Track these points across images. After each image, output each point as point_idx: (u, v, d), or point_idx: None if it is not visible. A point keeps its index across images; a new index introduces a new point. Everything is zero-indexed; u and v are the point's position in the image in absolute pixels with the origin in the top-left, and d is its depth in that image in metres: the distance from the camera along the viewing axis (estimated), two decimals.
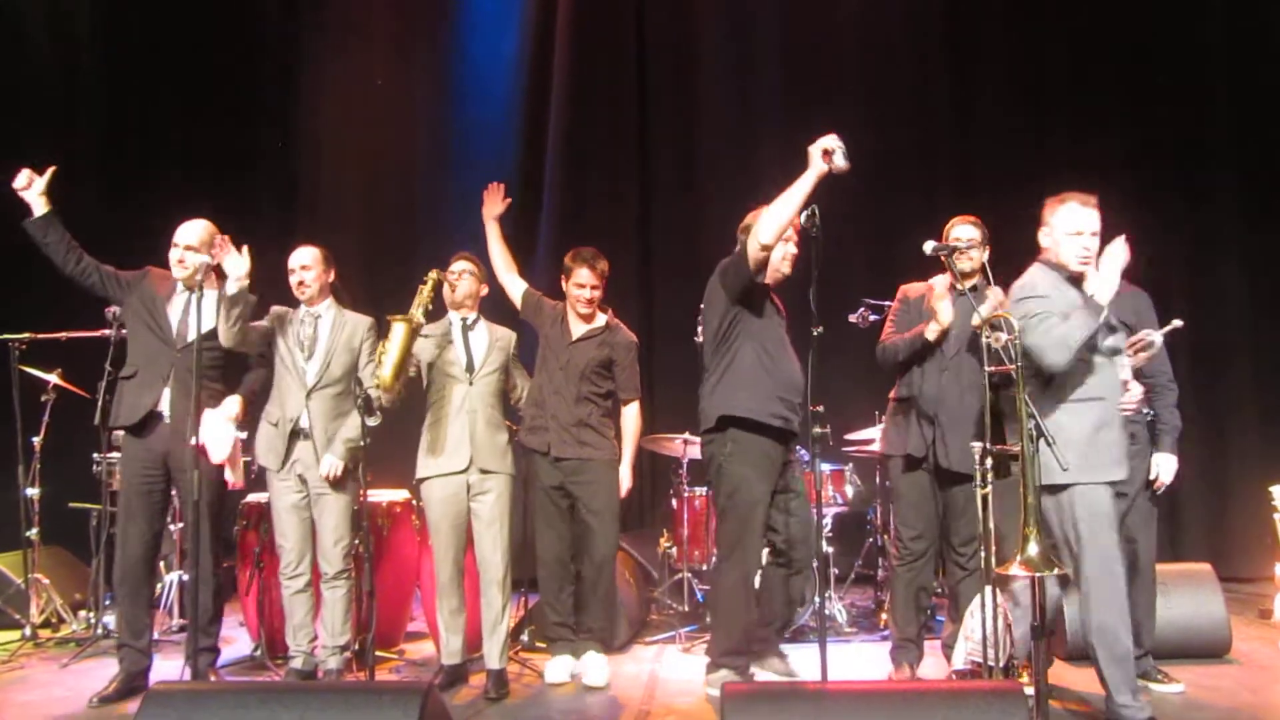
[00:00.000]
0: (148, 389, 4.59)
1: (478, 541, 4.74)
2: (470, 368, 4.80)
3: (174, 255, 4.70)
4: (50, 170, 4.57)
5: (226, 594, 6.61)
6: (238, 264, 4.41)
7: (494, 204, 5.31)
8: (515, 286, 5.29)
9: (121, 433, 4.74)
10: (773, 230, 4.22)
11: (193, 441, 4.25)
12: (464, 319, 4.89)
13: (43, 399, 5.91)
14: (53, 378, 5.89)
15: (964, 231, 4.65)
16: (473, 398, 4.76)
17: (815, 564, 4.72)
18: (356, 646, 4.89)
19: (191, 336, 4.51)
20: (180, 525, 5.75)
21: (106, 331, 5.59)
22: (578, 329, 5.09)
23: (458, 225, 7.96)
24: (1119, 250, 3.89)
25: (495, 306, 5.28)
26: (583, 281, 5.03)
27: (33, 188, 4.52)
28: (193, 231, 4.71)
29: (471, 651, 5.27)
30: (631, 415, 5.18)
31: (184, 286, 4.71)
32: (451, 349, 4.81)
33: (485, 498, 4.70)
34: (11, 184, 4.54)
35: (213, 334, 4.50)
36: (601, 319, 5.15)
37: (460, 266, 4.89)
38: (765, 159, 7.88)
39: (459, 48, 8.18)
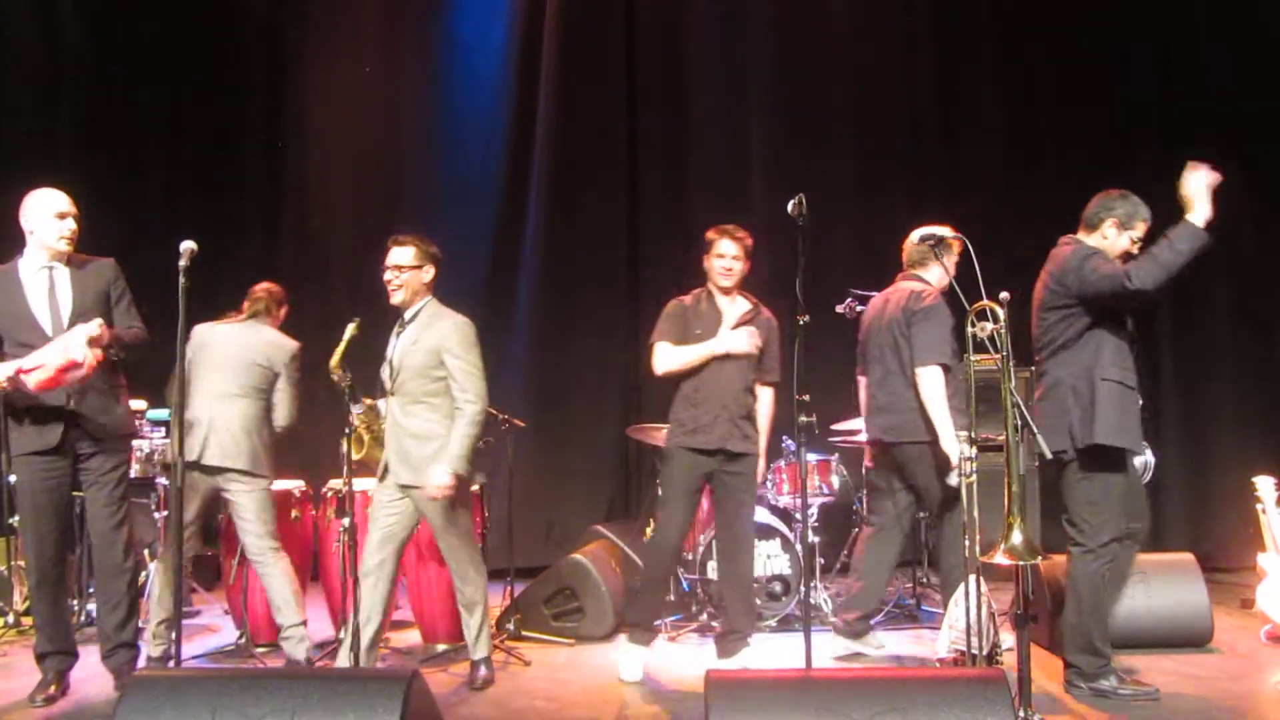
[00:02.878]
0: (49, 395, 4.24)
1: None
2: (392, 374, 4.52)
3: (58, 228, 4.38)
4: None
5: (209, 582, 6.64)
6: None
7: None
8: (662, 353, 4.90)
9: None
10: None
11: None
12: (402, 317, 4.57)
13: None
14: None
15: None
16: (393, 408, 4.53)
17: (801, 553, 4.74)
18: (342, 635, 4.88)
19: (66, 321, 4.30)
20: (165, 514, 5.71)
21: None
22: (730, 314, 4.84)
23: (445, 211, 7.95)
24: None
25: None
26: (723, 252, 4.78)
27: None
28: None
29: (453, 640, 5.30)
30: (769, 398, 4.97)
31: (47, 261, 4.39)
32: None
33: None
34: None
35: (84, 312, 4.31)
36: (744, 302, 4.93)
37: (387, 276, 4.52)
38: (755, 144, 7.90)
39: (448, 35, 8.13)
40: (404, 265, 4.47)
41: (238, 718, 2.83)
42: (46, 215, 4.35)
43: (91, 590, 5.69)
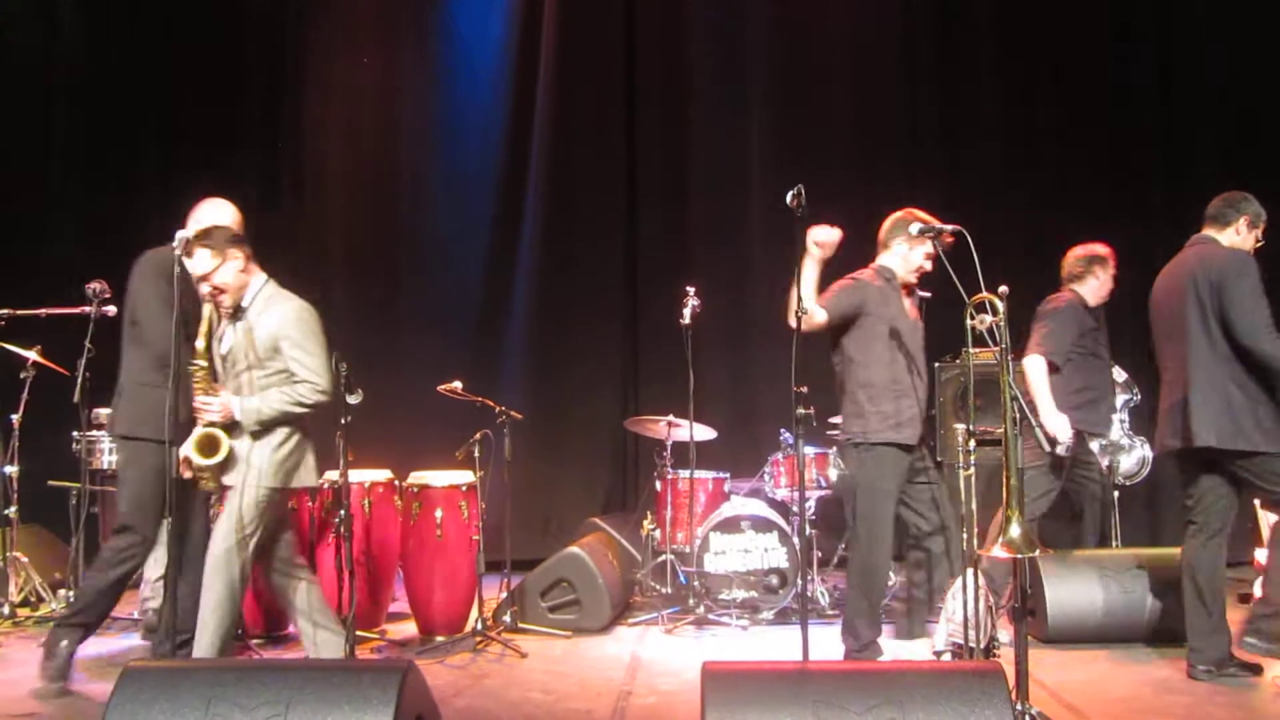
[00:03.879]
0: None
1: None
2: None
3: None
4: None
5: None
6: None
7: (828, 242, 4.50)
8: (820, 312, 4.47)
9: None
10: None
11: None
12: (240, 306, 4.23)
13: (22, 376, 5.84)
14: (32, 354, 5.83)
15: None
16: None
17: (798, 546, 4.71)
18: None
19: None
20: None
21: (86, 309, 5.53)
22: (907, 305, 4.66)
23: (442, 205, 7.94)
24: None
25: None
26: (932, 252, 4.53)
27: None
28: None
29: (450, 632, 5.29)
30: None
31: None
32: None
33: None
34: None
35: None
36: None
37: (203, 291, 4.18)
38: (754, 138, 7.87)
39: (446, 29, 8.11)
40: (207, 273, 4.11)
41: (232, 709, 2.82)
42: None
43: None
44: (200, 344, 4.11)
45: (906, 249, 4.60)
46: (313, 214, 7.96)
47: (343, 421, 4.28)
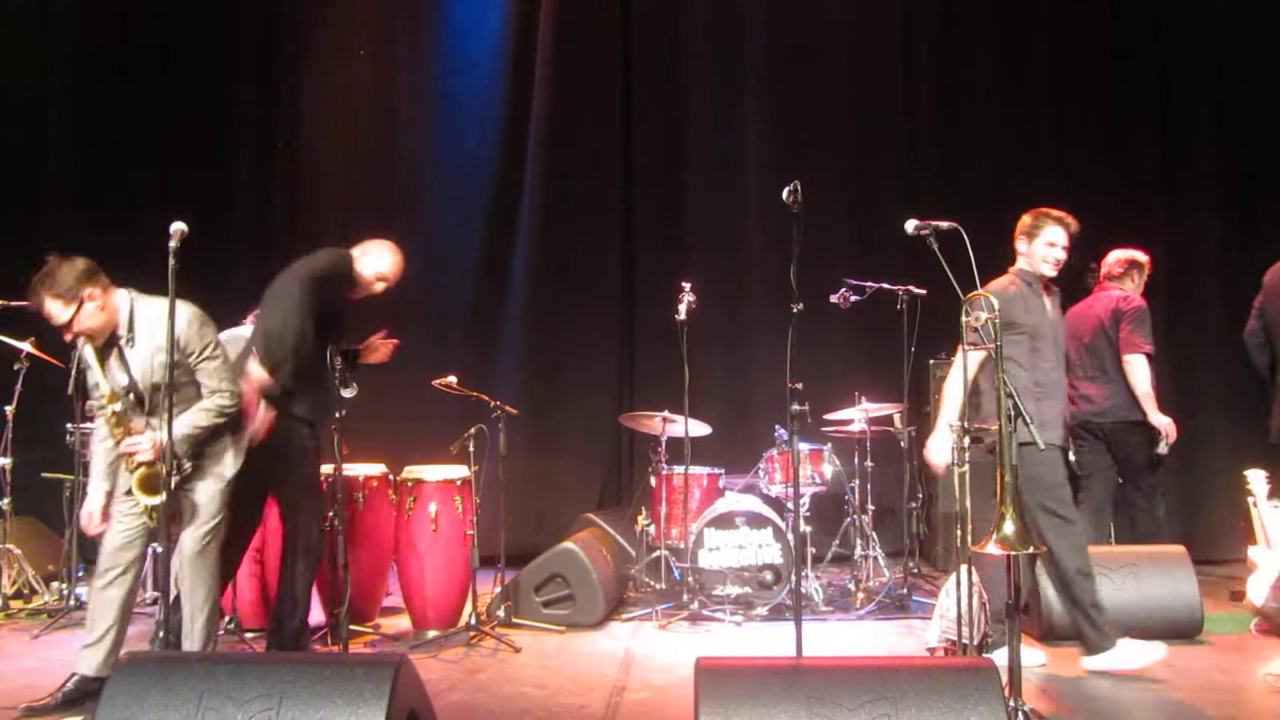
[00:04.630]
0: None
1: None
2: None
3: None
4: None
5: None
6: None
7: None
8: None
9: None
10: None
11: None
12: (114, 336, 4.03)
13: (15, 367, 5.83)
14: (26, 346, 5.81)
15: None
16: None
17: (792, 542, 4.70)
18: (332, 620, 4.87)
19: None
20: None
21: None
22: (1049, 302, 4.63)
23: (439, 198, 7.93)
24: None
25: None
26: (1054, 240, 4.53)
27: None
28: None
29: (444, 626, 5.29)
30: None
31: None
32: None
33: None
34: None
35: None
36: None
37: (70, 339, 4.00)
38: (752, 132, 7.87)
39: (442, 20, 8.10)
40: (66, 324, 3.90)
41: (225, 703, 2.81)
42: None
43: (80, 574, 5.70)
44: (103, 389, 3.96)
45: (1026, 246, 4.62)
46: (309, 209, 7.94)
47: (337, 415, 4.29)
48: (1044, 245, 4.56)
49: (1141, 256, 5.89)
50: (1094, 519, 5.71)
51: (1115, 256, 5.92)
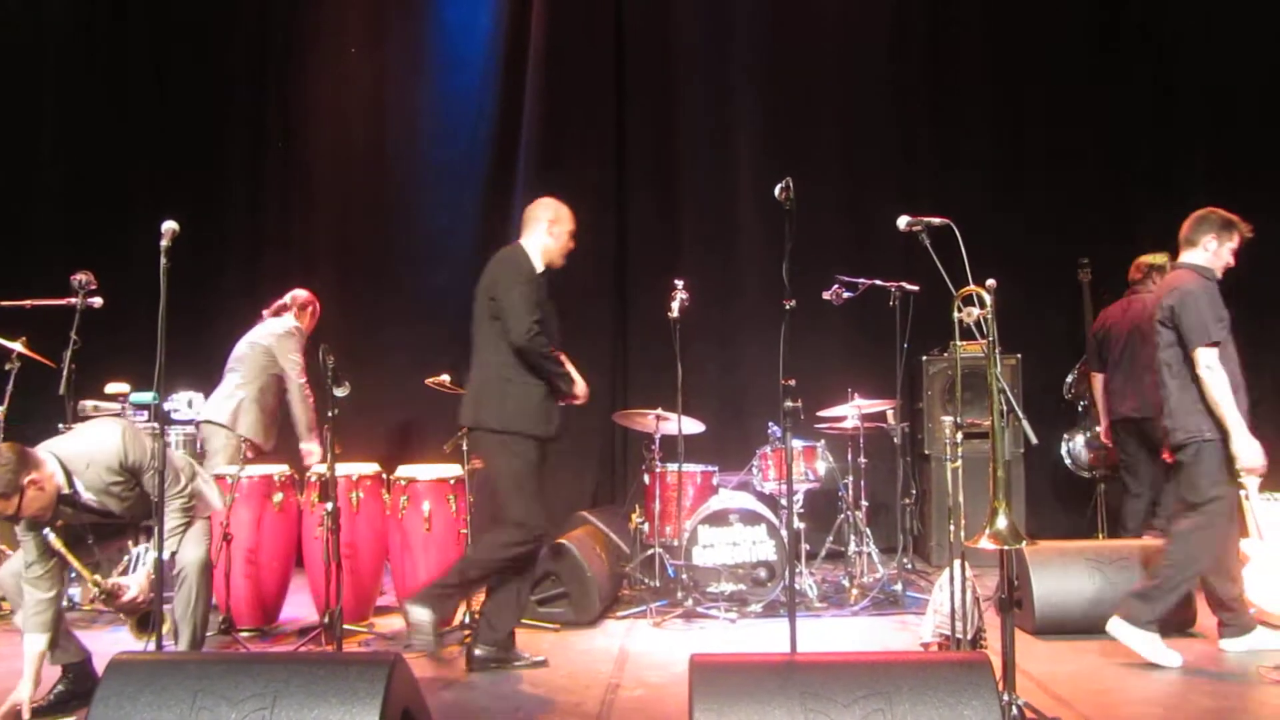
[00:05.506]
0: None
1: None
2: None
3: None
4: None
5: None
6: None
7: None
8: None
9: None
10: None
11: None
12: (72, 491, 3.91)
13: (6, 368, 5.80)
14: (17, 346, 5.78)
15: None
16: None
17: (786, 539, 4.71)
18: (326, 620, 4.86)
19: None
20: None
21: (72, 300, 5.50)
22: None
23: (431, 197, 7.91)
24: None
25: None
26: (1237, 249, 4.65)
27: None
28: None
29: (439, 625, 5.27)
30: None
31: None
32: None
33: None
34: None
35: None
36: None
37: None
38: (744, 129, 7.86)
39: (433, 20, 8.08)
40: (10, 513, 3.72)
41: (218, 702, 2.80)
42: None
43: (74, 576, 5.66)
44: (87, 580, 3.95)
45: (1215, 245, 4.66)
46: (301, 208, 7.92)
47: (330, 414, 4.28)
48: (1229, 250, 4.65)
49: (1160, 258, 6.04)
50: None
51: (1137, 264, 6.21)
